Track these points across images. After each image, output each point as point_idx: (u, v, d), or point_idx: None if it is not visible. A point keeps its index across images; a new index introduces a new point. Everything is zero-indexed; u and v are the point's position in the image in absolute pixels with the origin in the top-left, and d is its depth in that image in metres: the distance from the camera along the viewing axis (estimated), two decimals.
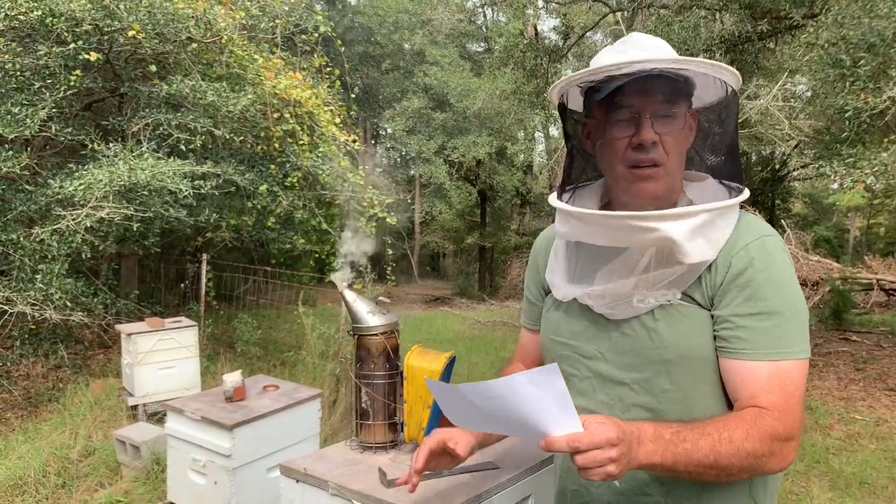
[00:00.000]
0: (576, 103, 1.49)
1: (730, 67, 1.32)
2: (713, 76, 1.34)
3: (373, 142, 22.88)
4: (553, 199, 1.50)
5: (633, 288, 1.37)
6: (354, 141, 8.00)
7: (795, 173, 18.81)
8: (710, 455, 1.21)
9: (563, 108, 1.49)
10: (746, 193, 1.36)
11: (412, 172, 22.27)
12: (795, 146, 13.20)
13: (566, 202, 1.50)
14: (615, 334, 1.42)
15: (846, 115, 6.31)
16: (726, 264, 1.33)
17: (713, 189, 1.43)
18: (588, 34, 12.66)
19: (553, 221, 1.55)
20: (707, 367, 1.36)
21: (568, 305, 1.51)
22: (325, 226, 7.78)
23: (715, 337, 1.35)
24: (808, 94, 10.43)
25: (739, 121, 1.46)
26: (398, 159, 20.84)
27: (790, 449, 1.28)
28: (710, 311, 1.35)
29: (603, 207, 1.52)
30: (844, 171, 6.92)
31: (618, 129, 1.37)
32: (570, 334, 1.50)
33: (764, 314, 1.30)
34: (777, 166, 17.12)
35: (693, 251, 1.30)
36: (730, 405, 1.37)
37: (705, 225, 1.30)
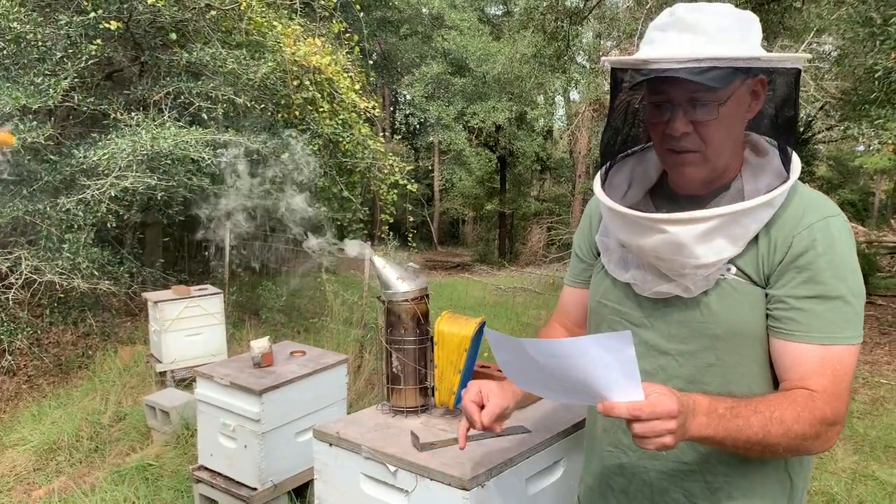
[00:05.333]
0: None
1: (756, 53, 1.28)
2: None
3: (391, 108, 22.76)
4: (597, 187, 1.48)
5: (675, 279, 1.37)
6: (374, 107, 7.96)
7: (820, 136, 18.46)
8: (759, 433, 1.21)
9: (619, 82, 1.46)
10: (785, 187, 1.31)
11: (431, 139, 22.17)
12: (821, 108, 12.95)
13: (614, 176, 1.50)
14: (663, 304, 1.41)
15: (876, 75, 6.17)
16: (787, 243, 1.30)
17: (771, 174, 1.37)
18: None
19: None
20: (756, 344, 1.35)
21: None
22: (346, 193, 7.78)
23: (767, 315, 1.33)
24: (836, 53, 10.20)
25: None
26: (417, 126, 20.72)
27: (834, 433, 1.28)
28: (764, 288, 1.33)
29: (660, 178, 1.52)
30: (872, 133, 6.80)
31: (655, 113, 1.37)
32: (617, 299, 1.49)
33: (820, 298, 1.28)
34: (801, 128, 16.82)
35: (704, 253, 1.30)
36: (775, 383, 1.36)
37: (725, 225, 1.28)
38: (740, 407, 1.22)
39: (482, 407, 1.45)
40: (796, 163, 1.35)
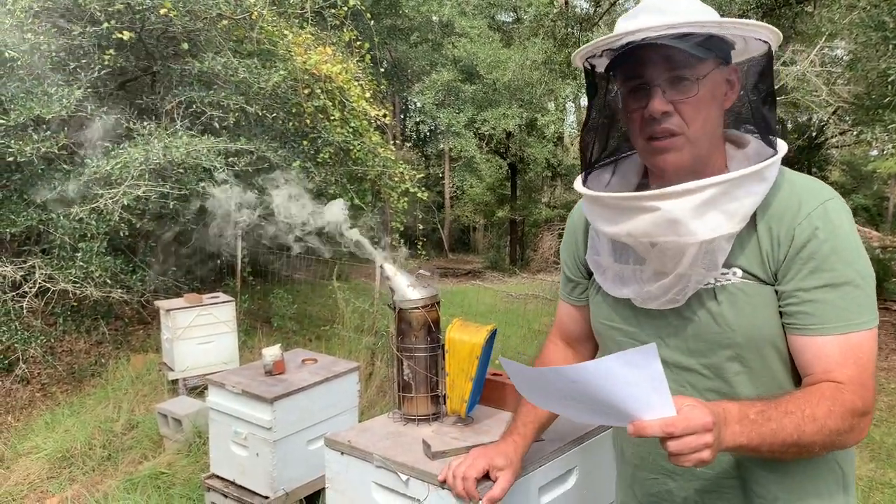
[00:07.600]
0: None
1: (731, 21, 1.25)
2: (738, 34, 1.28)
3: (402, 116, 22.80)
4: (578, 183, 1.45)
5: (677, 281, 1.32)
6: (385, 115, 7.97)
7: (833, 140, 18.36)
8: (794, 434, 1.17)
9: (594, 77, 1.42)
10: (774, 158, 1.28)
11: (442, 146, 22.18)
12: (834, 112, 12.88)
13: (594, 181, 1.45)
14: (674, 319, 1.37)
15: (889, 79, 6.14)
16: (789, 237, 1.26)
17: (755, 156, 1.33)
18: (619, 0, 12.42)
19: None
20: (776, 343, 1.31)
21: None
22: (357, 201, 7.79)
23: (781, 313, 1.29)
24: (848, 58, 10.14)
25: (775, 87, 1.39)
26: (427, 133, 20.75)
27: (866, 423, 1.25)
28: (773, 285, 1.30)
29: (641, 184, 1.47)
30: (886, 137, 6.75)
31: (632, 101, 1.32)
32: (623, 319, 1.46)
33: (830, 286, 1.25)
34: (814, 134, 16.73)
35: (700, 228, 1.23)
36: (797, 378, 1.33)
37: (717, 198, 1.23)
38: (771, 410, 1.17)
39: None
40: (782, 143, 1.32)
